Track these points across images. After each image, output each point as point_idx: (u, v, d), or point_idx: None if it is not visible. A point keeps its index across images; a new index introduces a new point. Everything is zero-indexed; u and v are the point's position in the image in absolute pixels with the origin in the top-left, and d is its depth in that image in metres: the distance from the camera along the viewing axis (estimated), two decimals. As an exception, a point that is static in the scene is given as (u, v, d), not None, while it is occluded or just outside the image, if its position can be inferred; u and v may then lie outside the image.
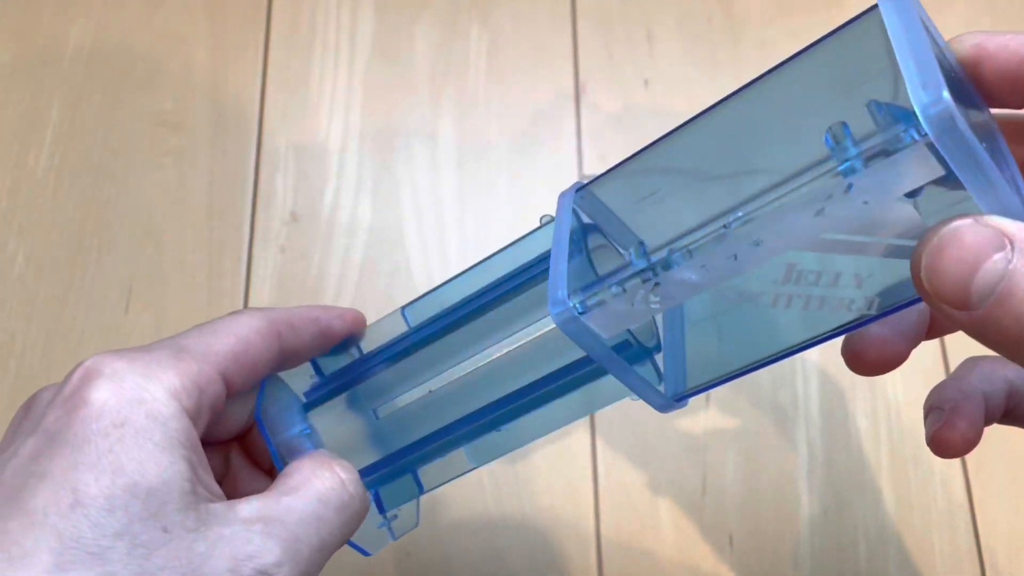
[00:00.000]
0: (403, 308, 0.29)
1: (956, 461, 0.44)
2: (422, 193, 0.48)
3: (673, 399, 0.24)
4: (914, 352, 0.25)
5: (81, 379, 0.21)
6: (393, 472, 0.28)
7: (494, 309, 0.26)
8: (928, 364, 0.45)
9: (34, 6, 0.52)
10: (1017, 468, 0.44)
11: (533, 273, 0.26)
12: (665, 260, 0.21)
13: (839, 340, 0.23)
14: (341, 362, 0.30)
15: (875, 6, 0.19)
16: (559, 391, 0.25)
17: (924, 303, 0.19)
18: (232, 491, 0.27)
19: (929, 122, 0.16)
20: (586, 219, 0.25)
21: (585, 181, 0.26)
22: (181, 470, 0.20)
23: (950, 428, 0.26)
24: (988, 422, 0.28)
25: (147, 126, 0.50)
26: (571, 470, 0.43)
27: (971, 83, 0.21)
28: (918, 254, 0.18)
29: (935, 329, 0.26)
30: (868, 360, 0.24)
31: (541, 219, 0.26)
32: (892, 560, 0.42)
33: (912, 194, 0.18)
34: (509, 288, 0.26)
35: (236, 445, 0.29)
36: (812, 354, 0.46)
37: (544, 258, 0.25)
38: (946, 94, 0.16)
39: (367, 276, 0.47)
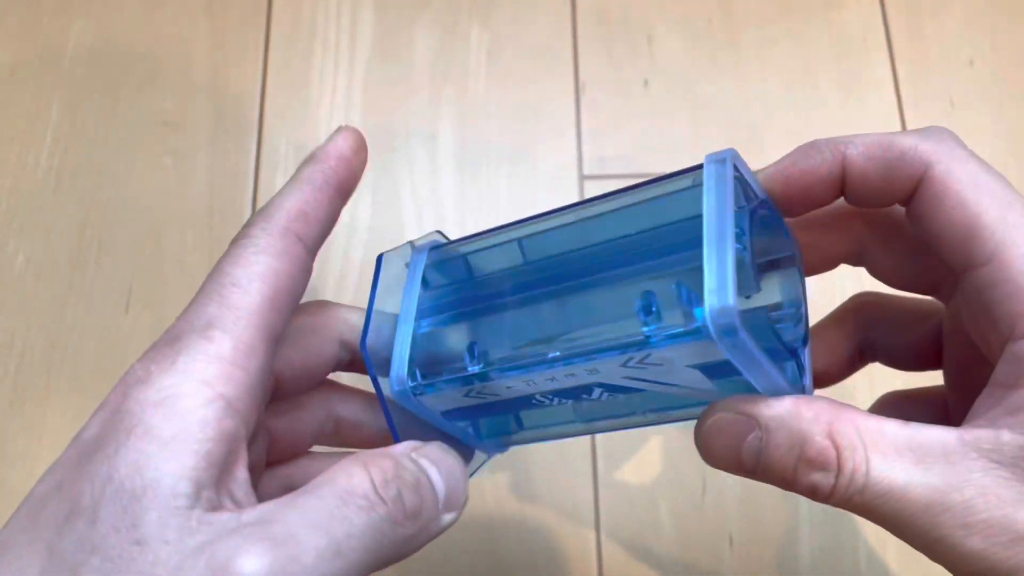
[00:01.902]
0: (521, 239, 0.27)
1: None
2: (422, 193, 0.49)
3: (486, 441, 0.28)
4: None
5: (115, 387, 0.21)
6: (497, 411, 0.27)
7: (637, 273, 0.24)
8: (928, 364, 0.45)
9: (34, 6, 0.52)
10: (1017, 468, 0.44)
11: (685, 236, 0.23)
12: (485, 374, 0.25)
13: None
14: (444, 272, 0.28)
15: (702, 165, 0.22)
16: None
17: None
18: None
19: (716, 328, 0.20)
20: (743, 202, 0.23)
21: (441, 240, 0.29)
22: (180, 468, 0.19)
23: None
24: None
25: (147, 126, 0.50)
26: (571, 470, 0.43)
27: (774, 202, 0.24)
28: (696, 437, 0.25)
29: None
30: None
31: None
32: (892, 560, 0.42)
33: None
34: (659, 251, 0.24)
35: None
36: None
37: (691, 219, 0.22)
38: (732, 300, 0.19)
39: (367, 276, 0.47)
